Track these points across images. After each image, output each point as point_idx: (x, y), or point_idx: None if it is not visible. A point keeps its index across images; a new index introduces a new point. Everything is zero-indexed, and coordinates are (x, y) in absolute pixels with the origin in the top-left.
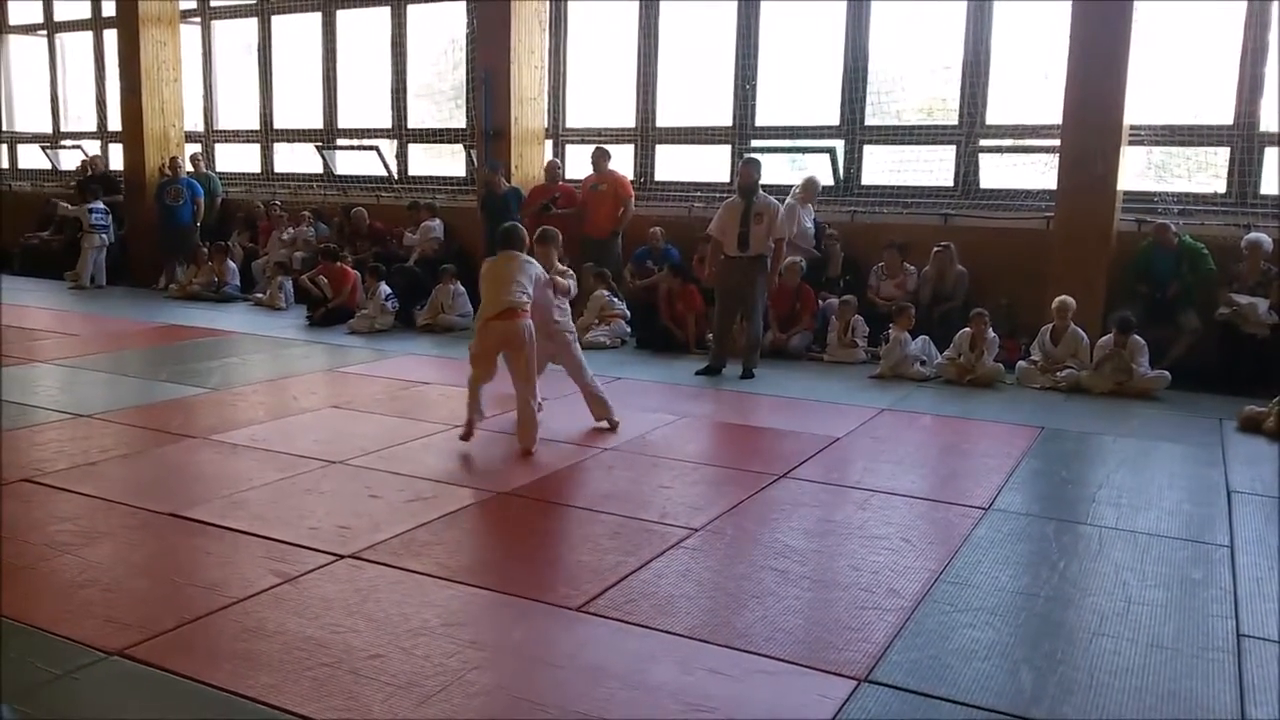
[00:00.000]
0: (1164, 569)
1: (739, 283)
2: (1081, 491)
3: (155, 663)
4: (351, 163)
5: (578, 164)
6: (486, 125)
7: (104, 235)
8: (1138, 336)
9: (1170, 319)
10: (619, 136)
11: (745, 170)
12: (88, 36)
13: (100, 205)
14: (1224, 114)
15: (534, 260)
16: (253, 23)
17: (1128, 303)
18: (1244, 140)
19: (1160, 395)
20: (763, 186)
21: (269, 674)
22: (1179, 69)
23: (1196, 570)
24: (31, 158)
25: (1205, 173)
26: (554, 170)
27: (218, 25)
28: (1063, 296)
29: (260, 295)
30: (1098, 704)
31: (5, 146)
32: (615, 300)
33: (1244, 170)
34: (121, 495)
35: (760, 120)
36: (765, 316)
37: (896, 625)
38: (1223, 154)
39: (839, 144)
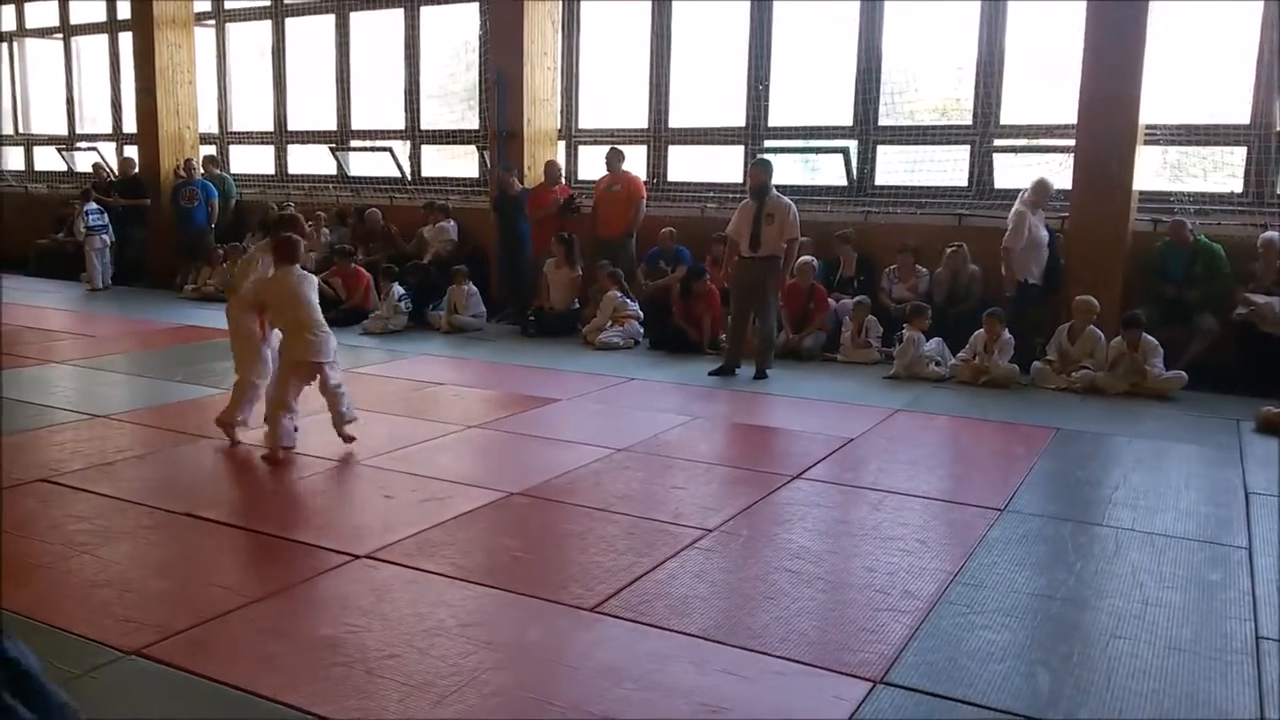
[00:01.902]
0: (1181, 571)
1: (751, 283)
2: (1097, 493)
3: (172, 662)
4: (365, 164)
5: (590, 165)
6: (499, 126)
7: (104, 236)
8: (1150, 337)
9: (1186, 319)
10: (632, 137)
11: (755, 172)
12: (103, 39)
13: (94, 206)
14: (1241, 113)
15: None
16: (267, 25)
17: (1143, 303)
18: (1261, 139)
19: (1176, 396)
20: (776, 187)
21: (284, 673)
22: (1195, 68)
23: (1214, 572)
24: (48, 160)
25: (1221, 172)
26: (554, 170)
27: (232, 28)
28: (1085, 296)
29: None
30: (1115, 706)
31: (22, 149)
32: (628, 301)
33: (1261, 169)
34: (138, 495)
35: (773, 121)
36: (778, 317)
37: (912, 627)
38: (1239, 153)
39: (852, 144)
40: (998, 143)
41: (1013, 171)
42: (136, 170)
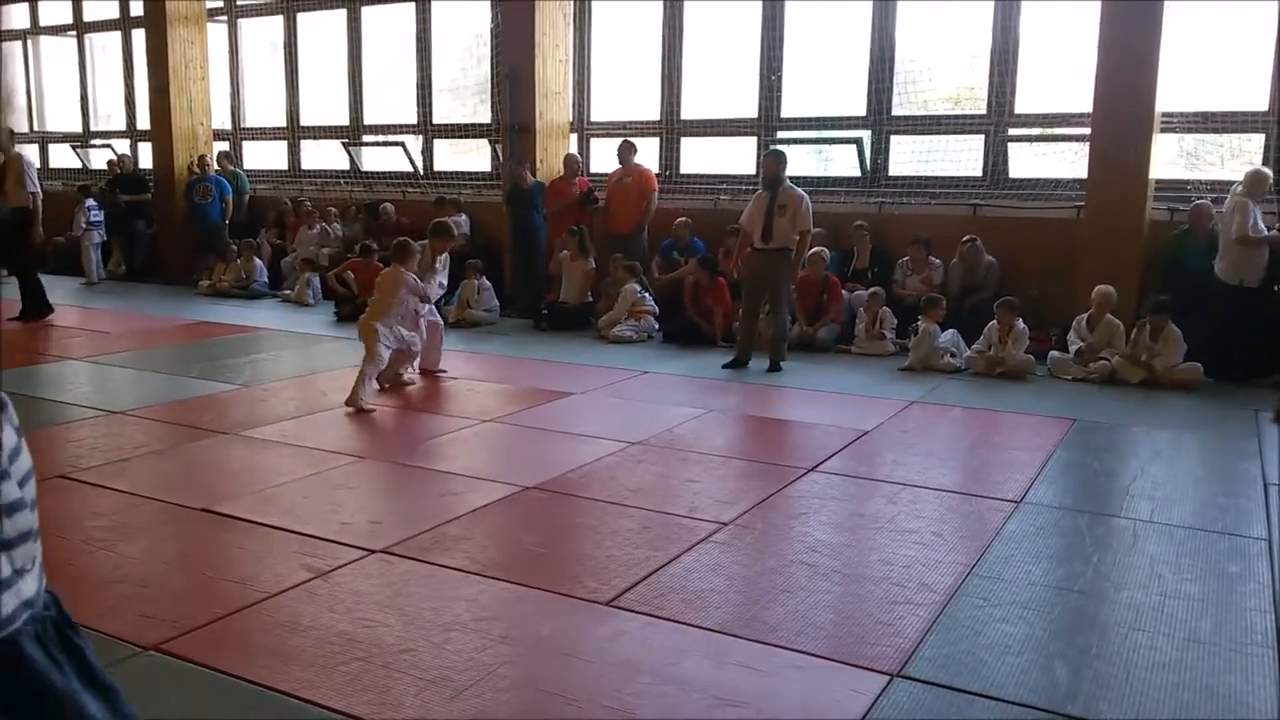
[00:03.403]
0: (1200, 563)
1: (764, 275)
2: (1115, 484)
3: (190, 658)
4: (377, 159)
5: (603, 158)
6: (511, 120)
7: (100, 232)
8: (1176, 329)
9: (1204, 309)
10: (644, 129)
11: (768, 162)
12: (116, 36)
13: (93, 202)
14: (1258, 99)
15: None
16: (279, 20)
17: (1160, 292)
18: (1279, 126)
19: (1194, 386)
20: (789, 178)
21: (302, 668)
22: (1212, 53)
23: (1234, 564)
24: (62, 157)
25: (1238, 159)
26: (572, 163)
27: (244, 23)
28: (1104, 286)
29: (288, 292)
30: (1134, 700)
31: (37, 146)
32: (645, 295)
33: (1279, 156)
34: (154, 491)
35: (786, 111)
36: (792, 309)
37: (929, 620)
38: (1257, 140)
39: (865, 134)
40: (1012, 132)
41: (1028, 160)
42: (137, 166)
